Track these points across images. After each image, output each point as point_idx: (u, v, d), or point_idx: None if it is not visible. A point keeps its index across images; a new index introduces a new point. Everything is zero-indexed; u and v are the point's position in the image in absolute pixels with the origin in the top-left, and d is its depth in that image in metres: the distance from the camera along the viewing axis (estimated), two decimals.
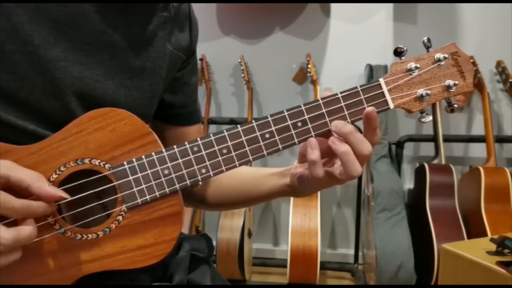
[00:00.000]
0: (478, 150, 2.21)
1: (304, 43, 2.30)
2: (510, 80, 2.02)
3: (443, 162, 2.04)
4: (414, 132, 2.28)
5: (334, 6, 2.26)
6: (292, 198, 2.04)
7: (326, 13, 2.28)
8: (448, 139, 2.16)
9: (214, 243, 2.03)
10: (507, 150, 2.24)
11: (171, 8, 0.71)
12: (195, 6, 0.79)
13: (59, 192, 0.55)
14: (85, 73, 0.61)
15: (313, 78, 2.15)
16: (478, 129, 2.20)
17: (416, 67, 0.62)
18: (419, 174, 2.05)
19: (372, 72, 2.17)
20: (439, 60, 0.62)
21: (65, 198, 0.55)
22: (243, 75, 2.24)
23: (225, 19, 2.33)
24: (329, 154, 0.62)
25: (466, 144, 2.28)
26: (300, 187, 0.68)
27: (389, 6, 2.22)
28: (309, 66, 2.15)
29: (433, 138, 2.11)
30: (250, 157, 0.61)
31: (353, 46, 2.26)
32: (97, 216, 0.60)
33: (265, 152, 0.61)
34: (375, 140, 0.61)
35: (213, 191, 0.80)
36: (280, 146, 0.61)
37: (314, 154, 0.59)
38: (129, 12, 0.64)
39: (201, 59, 2.25)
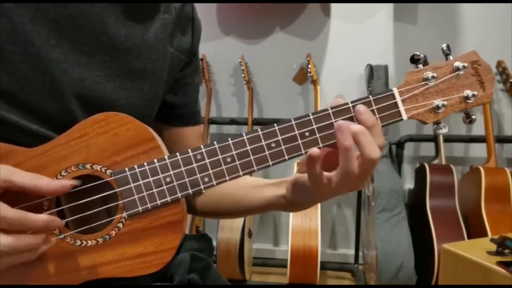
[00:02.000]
0: (478, 150, 2.21)
1: (305, 43, 2.30)
2: (511, 80, 2.02)
3: (444, 162, 2.04)
4: (414, 132, 2.28)
5: (334, 6, 2.26)
6: None
7: (326, 13, 2.28)
8: (448, 139, 2.16)
9: (214, 243, 2.03)
10: (508, 150, 2.23)
11: (172, 10, 0.71)
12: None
13: (68, 182, 0.54)
14: (85, 74, 0.61)
15: (314, 78, 2.15)
16: (478, 129, 2.20)
17: (433, 77, 0.58)
18: (420, 174, 2.05)
19: (372, 72, 2.16)
20: (458, 69, 0.58)
21: (75, 185, 0.55)
22: (243, 75, 2.24)
23: (226, 19, 2.33)
24: (332, 166, 0.59)
25: (467, 144, 2.28)
26: (294, 197, 0.66)
27: (390, 6, 2.22)
28: (309, 66, 2.15)
29: (434, 138, 2.12)
30: (255, 167, 0.59)
31: (353, 46, 2.26)
32: (99, 223, 0.59)
33: (270, 162, 0.59)
34: (379, 142, 0.57)
35: (203, 198, 0.78)
36: (286, 157, 0.59)
37: (317, 167, 0.57)
38: (130, 13, 0.64)
39: (201, 59, 2.24)
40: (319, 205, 2.03)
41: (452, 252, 1.09)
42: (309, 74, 2.17)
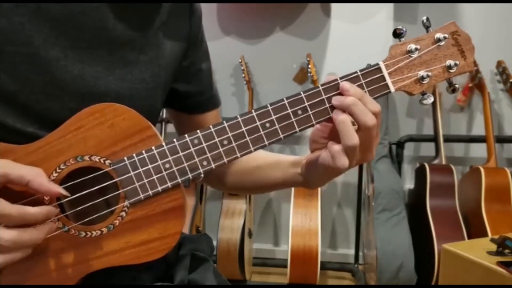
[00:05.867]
0: (478, 150, 2.21)
1: (305, 43, 2.30)
2: (511, 80, 2.02)
3: (444, 162, 2.04)
4: (414, 132, 2.28)
5: (334, 6, 2.26)
6: (292, 198, 2.04)
7: (326, 13, 2.28)
8: (448, 139, 2.16)
9: (215, 243, 2.03)
10: (508, 150, 2.24)
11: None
12: None
13: (59, 189, 0.54)
14: (85, 70, 0.61)
15: (314, 78, 2.15)
16: (478, 129, 2.20)
17: (416, 49, 0.61)
18: (420, 174, 2.05)
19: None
20: (439, 40, 0.61)
21: (65, 195, 0.55)
22: (243, 75, 2.25)
23: (226, 19, 2.33)
24: (331, 137, 0.62)
25: (467, 144, 2.28)
26: (308, 175, 0.67)
27: (390, 6, 2.22)
28: (309, 66, 2.15)
29: (434, 138, 2.12)
30: (252, 148, 0.60)
31: (353, 46, 2.26)
32: (101, 213, 0.59)
33: (266, 142, 0.60)
34: (374, 109, 0.59)
35: (231, 173, 0.80)
36: (281, 135, 0.60)
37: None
38: (128, 7, 0.64)
39: None
40: (319, 205, 2.03)
41: (452, 252, 1.09)
42: (309, 74, 2.17)
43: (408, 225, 1.94)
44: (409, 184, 2.26)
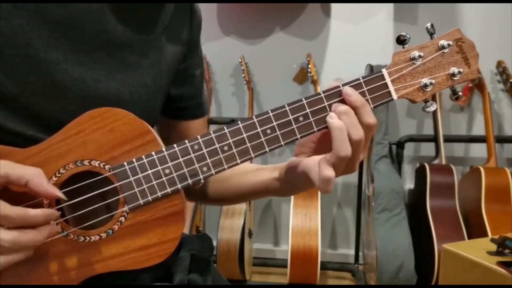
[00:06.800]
0: (478, 150, 2.21)
1: (305, 43, 2.30)
2: (511, 80, 2.02)
3: (444, 162, 2.04)
4: (414, 132, 2.28)
5: (334, 6, 2.26)
6: (292, 198, 2.04)
7: (326, 13, 2.28)
8: (448, 139, 2.16)
9: (215, 243, 2.03)
10: (508, 150, 2.23)
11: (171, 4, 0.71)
12: None
13: (57, 192, 0.54)
14: (86, 74, 0.61)
15: (314, 78, 2.15)
16: (478, 129, 2.20)
17: (420, 56, 0.60)
18: (420, 174, 2.05)
19: (372, 72, 2.16)
20: (443, 47, 0.60)
21: (63, 199, 0.55)
22: (243, 75, 2.25)
23: (226, 19, 2.33)
24: (321, 143, 0.61)
25: (467, 144, 2.28)
26: (288, 180, 0.66)
27: (390, 6, 2.22)
28: (309, 66, 2.15)
29: (434, 138, 2.12)
30: (252, 154, 0.60)
31: (353, 46, 2.26)
32: (100, 218, 0.59)
33: (267, 149, 0.60)
34: (370, 121, 0.58)
35: (212, 186, 0.79)
36: (282, 142, 0.60)
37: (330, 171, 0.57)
38: (129, 10, 0.64)
39: None
40: (319, 205, 2.03)
41: (452, 252, 1.09)
42: (309, 74, 2.17)
43: (408, 225, 1.94)
44: (409, 184, 2.26)
